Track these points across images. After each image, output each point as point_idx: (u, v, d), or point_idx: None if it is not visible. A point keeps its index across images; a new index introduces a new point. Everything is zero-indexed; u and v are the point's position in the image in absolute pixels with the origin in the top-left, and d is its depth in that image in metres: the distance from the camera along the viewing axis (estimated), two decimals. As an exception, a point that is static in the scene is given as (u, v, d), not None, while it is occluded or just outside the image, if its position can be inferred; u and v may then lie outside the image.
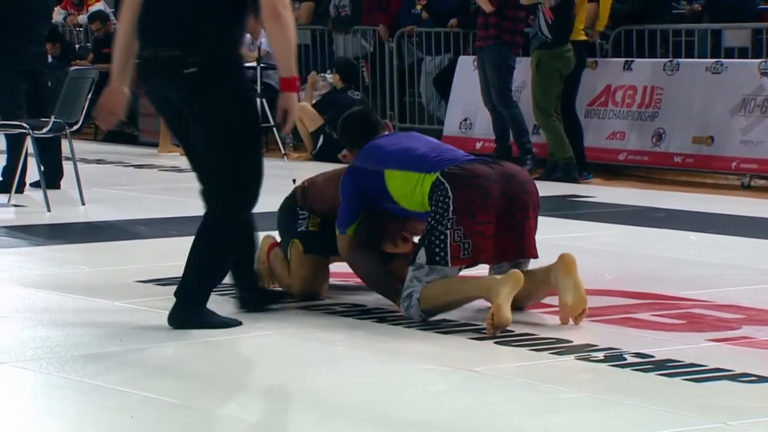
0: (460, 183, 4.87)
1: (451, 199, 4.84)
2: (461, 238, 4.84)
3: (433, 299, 4.89)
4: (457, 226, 4.84)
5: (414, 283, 4.91)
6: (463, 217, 4.83)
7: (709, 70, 9.79)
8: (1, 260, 6.52)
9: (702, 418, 3.82)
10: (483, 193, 4.87)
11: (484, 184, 4.88)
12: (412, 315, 4.93)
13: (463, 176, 4.89)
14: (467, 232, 4.84)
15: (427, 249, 4.88)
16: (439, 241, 4.86)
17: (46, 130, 8.11)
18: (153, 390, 4.09)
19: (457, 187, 4.86)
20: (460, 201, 4.84)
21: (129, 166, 10.68)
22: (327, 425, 3.80)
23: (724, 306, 5.31)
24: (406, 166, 4.98)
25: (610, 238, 7.14)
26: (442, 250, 4.86)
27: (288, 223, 5.49)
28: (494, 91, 10.00)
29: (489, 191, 4.88)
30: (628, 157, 10.12)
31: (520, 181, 5.00)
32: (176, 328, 4.80)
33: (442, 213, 4.85)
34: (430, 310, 4.92)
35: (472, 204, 4.85)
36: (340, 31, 12.27)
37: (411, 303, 4.91)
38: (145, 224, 7.56)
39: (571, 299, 4.87)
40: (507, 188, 4.92)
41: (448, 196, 4.85)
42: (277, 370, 4.42)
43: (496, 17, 9.89)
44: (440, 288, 4.88)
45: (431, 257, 4.87)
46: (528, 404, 3.99)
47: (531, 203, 5.00)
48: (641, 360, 4.46)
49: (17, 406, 4.01)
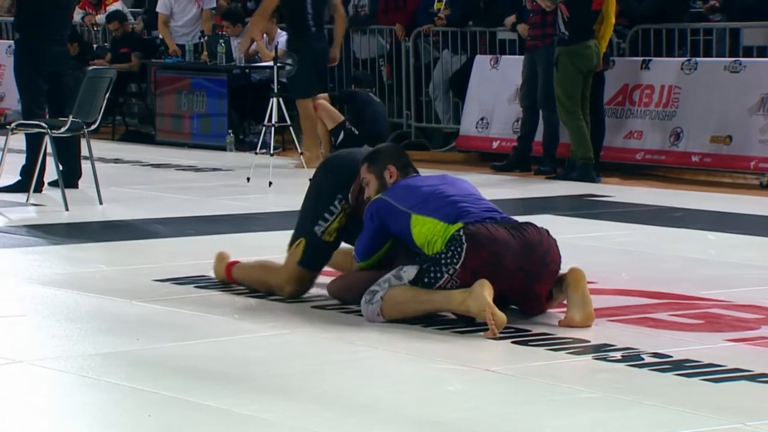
0: (478, 244, 4.81)
1: (463, 255, 4.80)
2: (453, 287, 4.84)
3: (399, 304, 4.87)
4: (456, 277, 4.83)
5: (384, 285, 4.90)
6: (467, 274, 4.82)
7: (727, 69, 9.75)
8: (20, 259, 6.55)
9: (720, 418, 3.81)
10: (496, 262, 4.82)
11: (500, 252, 4.82)
12: (369, 312, 4.90)
13: (483, 238, 4.81)
14: (461, 286, 4.83)
15: (419, 273, 4.86)
16: (433, 275, 4.84)
17: (64, 130, 8.13)
18: (170, 389, 4.10)
19: (474, 248, 4.81)
20: (471, 261, 4.81)
21: (146, 166, 10.70)
22: (344, 425, 3.80)
23: (743, 306, 5.29)
24: (433, 212, 4.89)
25: (627, 238, 7.12)
26: (429, 285, 4.85)
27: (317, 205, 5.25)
28: (542, 91, 9.82)
29: (503, 263, 4.83)
30: (646, 157, 10.09)
31: (541, 254, 4.89)
32: None
33: (450, 259, 4.82)
34: (389, 315, 4.88)
35: (480, 269, 4.81)
36: (357, 30, 12.27)
37: (373, 300, 4.89)
38: (162, 223, 7.58)
39: (579, 316, 4.88)
40: (525, 263, 4.86)
41: (462, 251, 4.80)
42: (293, 370, 4.42)
43: (554, 16, 9.68)
44: (409, 294, 4.86)
45: (416, 282, 4.87)
46: (545, 404, 3.99)
47: (551, 275, 4.93)
48: (659, 360, 4.44)
49: (35, 405, 4.02)
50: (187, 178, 9.94)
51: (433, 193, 4.99)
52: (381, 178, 5.11)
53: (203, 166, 10.65)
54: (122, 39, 13.43)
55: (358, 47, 12.33)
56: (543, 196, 8.93)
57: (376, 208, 5.04)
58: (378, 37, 12.19)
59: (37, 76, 8.57)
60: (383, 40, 12.17)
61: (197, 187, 9.32)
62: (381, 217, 5.02)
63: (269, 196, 8.88)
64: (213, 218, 7.78)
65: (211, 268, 5.83)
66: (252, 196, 8.75)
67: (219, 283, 5.65)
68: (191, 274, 5.88)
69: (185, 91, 12.06)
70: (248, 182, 9.28)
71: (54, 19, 8.64)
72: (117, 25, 13.47)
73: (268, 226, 7.33)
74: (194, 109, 12.23)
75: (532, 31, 10.10)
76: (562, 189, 9.24)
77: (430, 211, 4.91)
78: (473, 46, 11.44)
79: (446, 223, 4.87)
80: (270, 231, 7.07)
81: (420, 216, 4.92)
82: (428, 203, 4.94)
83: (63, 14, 8.79)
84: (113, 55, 13.35)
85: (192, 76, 11.85)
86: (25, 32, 8.73)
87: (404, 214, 4.94)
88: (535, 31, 10.04)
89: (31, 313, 5.28)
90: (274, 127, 11.31)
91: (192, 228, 7.34)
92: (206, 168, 10.53)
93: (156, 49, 13.21)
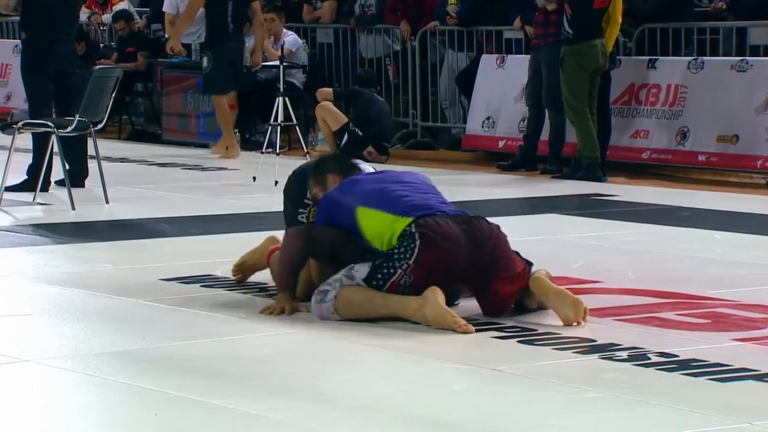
0: (430, 241, 4.84)
1: (416, 251, 4.83)
2: (406, 283, 4.85)
3: (352, 304, 4.87)
4: (409, 273, 4.84)
5: (336, 285, 4.91)
6: (420, 270, 4.83)
7: (734, 69, 9.74)
8: (27, 258, 6.55)
9: (727, 418, 3.80)
10: (449, 258, 4.85)
11: (452, 249, 4.85)
12: (322, 311, 4.90)
13: (435, 234, 4.85)
14: (415, 283, 4.84)
15: (372, 270, 4.87)
16: (386, 272, 4.85)
17: (70, 129, 8.14)
18: (176, 387, 4.10)
19: (426, 245, 4.83)
20: (424, 257, 4.83)
21: (153, 165, 10.71)
22: (348, 424, 3.80)
23: (750, 305, 5.28)
24: (381, 205, 4.95)
25: (633, 237, 7.11)
26: (384, 281, 4.86)
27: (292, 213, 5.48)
28: (547, 90, 9.81)
29: (456, 260, 4.86)
30: (652, 156, 10.07)
31: (490, 247, 4.92)
32: None
33: (403, 254, 4.84)
34: (343, 313, 4.89)
35: (434, 265, 4.84)
36: (363, 29, 12.27)
37: (325, 299, 4.89)
38: (168, 223, 7.58)
39: (570, 312, 4.85)
40: (475, 258, 4.88)
41: (415, 247, 4.83)
42: (300, 369, 4.42)
43: (557, 15, 9.68)
44: (364, 296, 4.87)
45: (370, 278, 4.87)
46: (552, 404, 3.98)
47: (506, 270, 4.93)
48: (665, 360, 4.44)
49: (41, 403, 4.02)
50: (193, 177, 9.95)
51: (379, 186, 5.05)
52: (325, 189, 5.23)
53: (209, 165, 10.66)
54: (128, 38, 13.44)
55: (364, 47, 12.33)
56: (549, 195, 8.93)
57: (323, 206, 5.14)
58: (384, 37, 12.18)
59: (42, 75, 8.58)
60: (389, 40, 12.16)
61: (203, 186, 9.32)
62: (328, 213, 5.09)
63: (275, 196, 8.82)
64: (219, 217, 7.78)
65: (216, 267, 5.85)
66: (258, 196, 8.75)
67: (225, 283, 5.66)
68: (197, 273, 5.88)
69: (191, 90, 12.06)
70: (254, 181, 9.28)
71: (60, 19, 8.64)
72: (123, 24, 13.49)
73: (274, 226, 7.30)
74: (200, 109, 12.23)
75: (536, 29, 10.10)
76: (569, 188, 9.23)
77: (377, 204, 4.96)
78: (479, 45, 11.44)
79: (395, 216, 4.90)
80: (276, 230, 7.06)
81: (366, 208, 4.97)
82: (374, 196, 4.99)
83: (69, 14, 8.80)
84: (119, 55, 13.36)
85: (198, 76, 11.85)
86: (31, 32, 8.73)
87: (349, 207, 5.00)
88: (539, 30, 10.04)
89: (38, 312, 5.28)
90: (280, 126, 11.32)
91: (198, 227, 7.34)
92: (212, 167, 10.54)
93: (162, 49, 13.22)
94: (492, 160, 10.75)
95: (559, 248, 6.61)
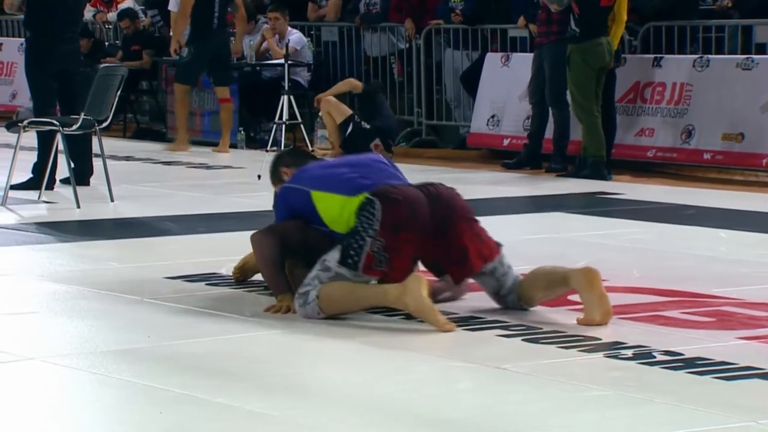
0: (390, 200, 4.90)
1: (379, 212, 4.87)
2: (379, 250, 4.86)
3: (334, 300, 4.88)
4: (379, 237, 4.86)
5: (314, 283, 4.92)
6: (387, 230, 4.85)
7: (739, 67, 9.72)
8: (31, 256, 6.56)
9: (732, 416, 3.80)
10: (411, 211, 4.89)
11: (412, 203, 4.91)
12: (308, 312, 4.91)
13: (393, 194, 4.91)
14: (387, 246, 4.86)
15: (343, 249, 4.89)
16: (357, 246, 4.87)
17: (75, 127, 8.14)
18: (181, 386, 4.10)
19: (387, 203, 4.89)
20: (388, 216, 4.87)
21: (158, 163, 10.71)
22: (353, 422, 3.80)
23: (755, 304, 5.28)
24: (332, 188, 5.01)
25: (639, 236, 7.11)
26: (357, 255, 4.87)
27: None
28: (550, 88, 9.80)
29: (417, 211, 4.90)
30: (657, 154, 10.07)
31: (447, 199, 4.97)
32: None
33: (368, 222, 4.88)
34: (328, 310, 4.90)
35: (398, 220, 4.87)
36: (368, 27, 12.27)
37: (307, 301, 4.91)
38: (173, 221, 7.59)
39: (599, 316, 4.87)
40: (435, 209, 4.93)
41: (376, 209, 4.87)
42: (303, 367, 4.42)
43: (561, 13, 9.67)
44: (345, 290, 4.88)
45: (344, 257, 4.88)
46: (557, 402, 3.98)
47: (461, 218, 4.97)
48: (670, 358, 4.43)
49: (46, 401, 4.02)
50: (198, 175, 9.95)
51: (329, 171, 5.11)
52: (282, 182, 5.31)
53: (214, 163, 10.66)
54: (133, 37, 13.44)
55: (369, 45, 12.33)
56: (554, 193, 8.92)
57: (281, 194, 5.21)
58: (389, 35, 12.18)
59: (46, 74, 8.58)
60: (394, 38, 12.16)
61: (208, 184, 9.32)
62: (286, 201, 5.16)
63: (280, 194, 8.86)
64: (224, 216, 7.79)
65: (221, 266, 5.85)
66: (262, 194, 8.73)
67: (230, 281, 5.66)
68: (202, 271, 5.89)
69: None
70: (259, 180, 9.27)
71: (63, 18, 8.65)
72: (128, 22, 13.49)
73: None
74: (205, 107, 12.24)
75: (539, 27, 10.10)
76: (574, 186, 9.23)
77: (328, 187, 5.02)
78: (484, 43, 11.43)
79: (346, 196, 4.95)
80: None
81: (320, 192, 5.03)
82: (325, 179, 5.06)
83: (72, 12, 8.80)
84: (124, 53, 13.37)
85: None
86: (35, 30, 8.74)
87: (304, 192, 5.07)
88: (541, 28, 10.03)
89: (43, 310, 5.29)
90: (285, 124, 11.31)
91: (203, 225, 7.35)
92: (217, 165, 10.54)
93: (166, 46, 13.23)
94: (497, 159, 10.74)
95: (563, 246, 6.61)
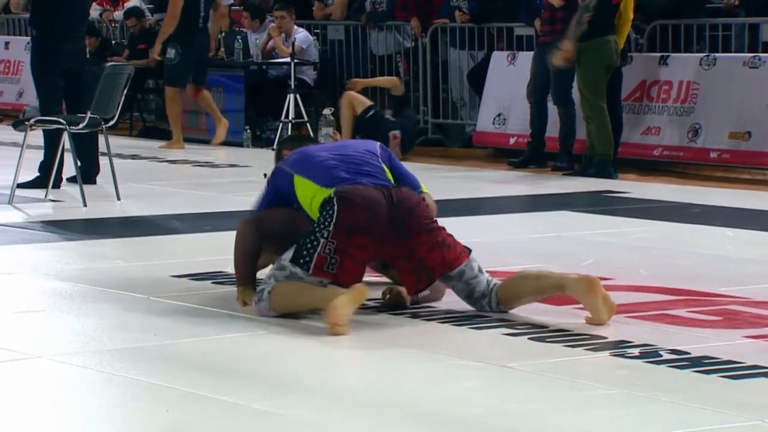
0: (348, 201, 4.91)
1: (335, 215, 4.89)
2: (331, 252, 4.88)
3: (282, 299, 4.93)
4: (331, 239, 4.88)
5: (270, 281, 4.96)
6: (340, 233, 4.87)
7: (746, 65, 9.71)
8: (38, 255, 6.57)
9: (739, 415, 3.79)
10: (368, 216, 4.90)
11: (371, 207, 4.91)
12: (261, 309, 4.95)
13: (353, 196, 4.92)
14: (339, 248, 4.87)
15: (297, 249, 4.93)
16: (311, 246, 4.90)
17: (82, 126, 8.15)
18: (187, 384, 4.11)
19: (345, 204, 4.91)
20: (344, 217, 4.89)
21: (164, 162, 10.72)
22: (358, 421, 3.80)
23: (762, 302, 5.27)
24: (311, 175, 5.05)
25: (645, 234, 7.10)
26: (309, 256, 4.89)
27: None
28: (555, 87, 9.79)
29: (376, 215, 4.90)
30: (664, 153, 10.05)
31: (407, 207, 4.96)
32: None
33: (324, 222, 4.91)
34: (277, 308, 4.94)
35: (354, 223, 4.88)
36: (374, 26, 12.27)
37: (262, 297, 4.95)
38: (180, 219, 7.59)
39: (607, 317, 4.87)
40: (395, 214, 4.92)
41: (334, 211, 4.90)
42: (309, 366, 4.42)
43: (564, 12, 9.67)
44: (292, 289, 4.92)
45: (297, 257, 4.92)
46: (563, 401, 3.98)
47: (421, 227, 4.95)
48: (677, 357, 4.43)
49: (53, 399, 4.03)
50: (204, 174, 9.96)
51: (315, 158, 5.13)
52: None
53: (220, 162, 10.66)
54: (140, 35, 13.45)
55: (375, 44, 12.33)
56: (560, 192, 8.92)
57: (272, 175, 5.27)
58: (395, 34, 12.17)
59: (52, 73, 8.59)
60: (400, 37, 12.15)
61: (214, 183, 9.33)
62: (275, 181, 5.22)
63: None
64: (230, 214, 7.78)
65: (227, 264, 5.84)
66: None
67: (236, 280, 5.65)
68: (208, 270, 5.89)
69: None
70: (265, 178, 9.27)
71: (69, 16, 8.65)
72: (135, 21, 13.50)
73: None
74: (211, 105, 12.23)
75: (542, 27, 10.09)
76: (580, 185, 9.22)
77: (309, 173, 5.06)
78: (490, 41, 11.42)
79: (319, 186, 5.00)
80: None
81: (301, 178, 5.08)
82: (309, 166, 5.09)
83: (78, 11, 8.80)
84: (131, 52, 13.38)
85: (209, 73, 11.85)
86: (40, 29, 8.74)
87: (289, 175, 5.13)
88: (545, 27, 10.02)
89: (49, 308, 5.29)
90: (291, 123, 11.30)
91: (209, 224, 7.35)
92: (223, 164, 10.54)
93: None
94: (503, 157, 10.74)
95: (570, 245, 6.60)
